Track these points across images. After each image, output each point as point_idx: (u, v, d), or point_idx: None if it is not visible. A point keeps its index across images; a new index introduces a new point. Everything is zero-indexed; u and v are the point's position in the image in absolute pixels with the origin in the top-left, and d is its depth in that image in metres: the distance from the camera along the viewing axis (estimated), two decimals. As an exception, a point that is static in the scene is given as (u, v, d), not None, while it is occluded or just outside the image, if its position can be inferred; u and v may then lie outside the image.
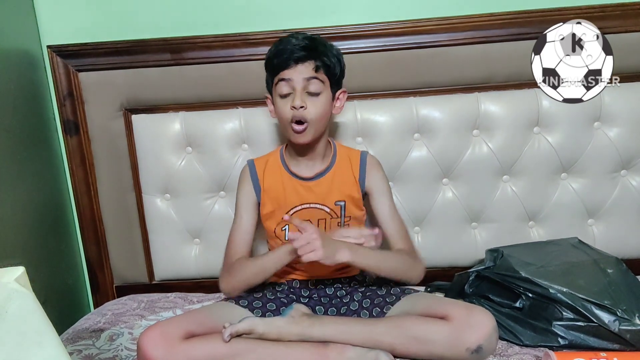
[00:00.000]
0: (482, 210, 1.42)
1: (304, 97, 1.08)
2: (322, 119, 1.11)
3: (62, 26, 1.41)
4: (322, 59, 1.09)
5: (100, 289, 1.52)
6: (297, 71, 1.08)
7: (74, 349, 1.11)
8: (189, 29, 1.37)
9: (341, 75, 1.16)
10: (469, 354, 0.95)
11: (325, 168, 1.19)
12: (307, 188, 1.18)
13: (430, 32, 1.33)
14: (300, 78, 1.08)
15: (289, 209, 1.18)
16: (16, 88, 1.30)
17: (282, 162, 1.21)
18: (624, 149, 1.37)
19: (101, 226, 1.47)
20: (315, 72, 1.08)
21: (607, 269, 1.10)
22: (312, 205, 1.18)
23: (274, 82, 1.12)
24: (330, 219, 1.19)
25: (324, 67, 1.09)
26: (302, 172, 1.19)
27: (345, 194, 1.19)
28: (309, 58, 1.08)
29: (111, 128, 1.41)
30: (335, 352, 0.98)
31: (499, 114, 1.36)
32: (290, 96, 1.10)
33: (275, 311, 1.13)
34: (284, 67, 1.08)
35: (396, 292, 1.14)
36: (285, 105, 1.10)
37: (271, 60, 1.11)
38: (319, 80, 1.09)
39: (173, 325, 0.98)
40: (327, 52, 1.10)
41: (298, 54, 1.07)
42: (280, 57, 1.09)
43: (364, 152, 1.24)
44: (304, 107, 1.08)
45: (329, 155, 1.20)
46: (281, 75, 1.09)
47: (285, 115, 1.10)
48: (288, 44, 1.08)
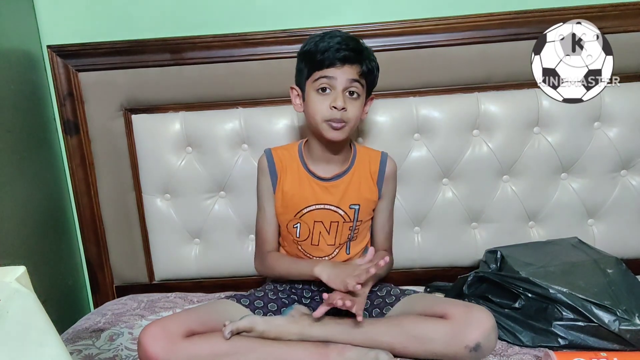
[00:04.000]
0: (482, 210, 1.42)
1: (345, 98, 1.07)
2: (357, 121, 1.11)
3: (62, 26, 1.41)
4: (367, 64, 1.08)
5: (100, 289, 1.52)
6: (343, 72, 1.06)
7: (74, 348, 1.11)
8: (189, 29, 1.37)
9: (376, 82, 1.15)
10: (468, 351, 0.95)
11: (344, 170, 1.18)
12: (323, 188, 1.17)
13: (430, 32, 1.33)
14: (344, 79, 1.06)
15: (302, 206, 1.17)
16: (16, 88, 1.30)
17: (300, 159, 1.20)
18: (623, 149, 1.37)
19: (101, 226, 1.47)
20: (359, 75, 1.07)
21: (607, 269, 1.10)
22: (327, 207, 1.17)
23: (313, 77, 1.09)
24: (342, 223, 1.18)
25: (367, 72, 1.09)
26: (320, 172, 1.17)
27: (361, 197, 1.18)
28: (356, 61, 1.07)
29: (111, 128, 1.41)
30: (336, 351, 0.99)
31: (499, 114, 1.36)
32: (330, 94, 1.07)
33: (277, 311, 1.13)
34: (330, 65, 1.06)
35: (396, 293, 1.14)
36: (322, 102, 1.07)
37: (314, 54, 1.07)
38: (360, 84, 1.08)
39: (174, 323, 0.98)
40: (371, 58, 1.10)
41: (347, 54, 1.05)
42: (326, 53, 1.05)
43: (384, 155, 1.22)
44: (345, 109, 1.06)
45: (348, 157, 1.19)
46: (324, 73, 1.06)
47: (322, 113, 1.07)
48: (334, 40, 1.06)
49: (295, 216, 1.18)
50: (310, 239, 1.19)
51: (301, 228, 1.19)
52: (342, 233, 1.18)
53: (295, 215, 1.18)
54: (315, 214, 1.17)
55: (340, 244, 1.20)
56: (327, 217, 1.17)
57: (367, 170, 1.20)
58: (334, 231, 1.18)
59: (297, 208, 1.17)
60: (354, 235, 1.20)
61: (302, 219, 1.18)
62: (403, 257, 1.41)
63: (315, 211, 1.17)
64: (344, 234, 1.19)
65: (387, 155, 1.23)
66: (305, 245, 1.20)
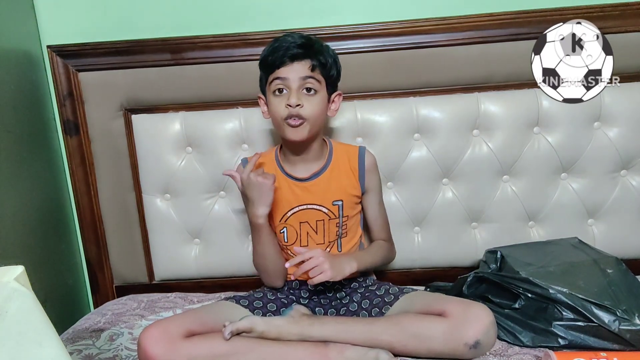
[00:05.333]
0: (482, 210, 1.42)
1: (300, 96, 1.07)
2: (318, 117, 1.10)
3: (62, 26, 1.41)
4: (319, 57, 1.08)
5: (100, 289, 1.52)
6: (293, 70, 1.07)
7: (74, 348, 1.11)
8: (189, 29, 1.37)
9: (337, 76, 1.15)
10: (467, 349, 0.95)
11: (321, 168, 1.18)
12: (303, 188, 1.17)
13: (430, 32, 1.33)
14: (297, 77, 1.07)
15: (285, 210, 1.18)
16: (16, 88, 1.30)
17: (277, 163, 1.20)
18: (624, 149, 1.37)
19: (101, 226, 1.47)
20: (311, 71, 1.07)
21: (607, 269, 1.09)
22: (310, 206, 1.18)
23: (269, 80, 1.10)
24: (328, 220, 1.18)
25: (320, 66, 1.08)
26: (297, 173, 1.18)
27: (343, 192, 1.18)
28: (306, 56, 1.07)
29: (111, 128, 1.41)
30: (335, 351, 0.98)
31: (499, 114, 1.36)
32: (285, 95, 1.08)
33: (276, 312, 1.13)
34: (280, 65, 1.07)
35: (394, 291, 1.14)
36: (279, 103, 1.08)
37: (266, 58, 1.09)
38: (315, 79, 1.08)
39: (174, 324, 0.98)
40: (323, 52, 1.10)
41: (294, 51, 1.06)
42: (275, 54, 1.07)
43: (361, 148, 1.22)
44: (300, 105, 1.06)
45: (324, 154, 1.20)
46: (276, 74, 1.08)
47: (280, 114, 1.08)
48: (284, 42, 1.07)
49: (281, 221, 1.18)
50: (298, 241, 1.19)
51: (288, 232, 1.19)
52: (330, 231, 1.19)
53: (281, 220, 1.18)
54: (299, 215, 1.17)
55: (330, 242, 1.20)
56: (312, 216, 1.18)
57: (346, 165, 1.20)
58: (321, 230, 1.18)
59: (281, 212, 1.18)
60: (342, 232, 1.20)
61: (288, 222, 1.18)
62: (403, 257, 1.41)
63: (299, 212, 1.17)
64: (332, 232, 1.19)
65: (365, 149, 1.23)
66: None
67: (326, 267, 1.06)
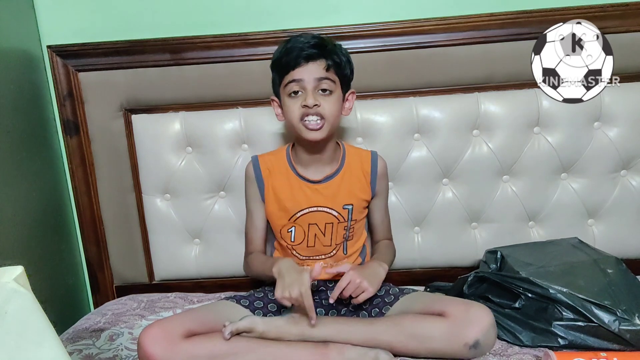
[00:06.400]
0: (482, 210, 1.42)
1: (316, 96, 1.07)
2: (335, 117, 1.10)
3: (62, 26, 1.41)
4: (333, 57, 1.08)
5: (100, 289, 1.52)
6: (308, 70, 1.06)
7: (74, 348, 1.11)
8: (189, 29, 1.37)
9: (351, 75, 1.15)
10: (467, 349, 0.96)
11: (335, 171, 1.18)
12: (315, 190, 1.17)
13: (430, 32, 1.33)
14: (312, 78, 1.06)
15: (295, 211, 1.18)
16: (16, 88, 1.30)
17: (289, 164, 1.20)
18: (624, 149, 1.37)
19: (101, 226, 1.47)
20: (326, 71, 1.07)
21: (607, 269, 1.09)
22: (320, 209, 1.17)
23: (283, 83, 1.09)
24: (337, 223, 1.18)
25: (334, 66, 1.08)
26: (310, 174, 1.18)
27: (354, 196, 1.18)
28: (320, 56, 1.06)
29: (111, 128, 1.41)
30: (336, 351, 0.98)
31: (499, 114, 1.36)
32: (301, 96, 1.08)
33: (276, 312, 1.13)
34: (294, 66, 1.06)
35: (395, 292, 1.14)
36: (295, 104, 1.08)
37: (279, 60, 1.09)
38: (330, 80, 1.08)
39: (174, 323, 0.98)
40: (337, 51, 1.10)
41: (308, 51, 1.05)
42: (289, 55, 1.06)
43: (374, 153, 1.23)
44: (318, 105, 1.06)
45: (338, 157, 1.20)
46: (291, 76, 1.07)
47: (296, 114, 1.08)
48: (297, 42, 1.07)
49: (290, 220, 1.18)
50: (305, 242, 1.19)
51: (296, 231, 1.19)
52: (337, 234, 1.18)
53: (290, 219, 1.18)
54: (309, 217, 1.17)
55: (336, 245, 1.20)
56: (321, 219, 1.17)
57: (359, 170, 1.20)
58: (329, 232, 1.18)
59: (290, 212, 1.18)
60: (349, 235, 1.20)
61: (297, 222, 1.18)
62: (403, 257, 1.41)
63: (309, 214, 1.17)
64: (339, 235, 1.19)
65: (377, 154, 1.23)
66: (301, 248, 1.20)
67: (365, 285, 1.06)
